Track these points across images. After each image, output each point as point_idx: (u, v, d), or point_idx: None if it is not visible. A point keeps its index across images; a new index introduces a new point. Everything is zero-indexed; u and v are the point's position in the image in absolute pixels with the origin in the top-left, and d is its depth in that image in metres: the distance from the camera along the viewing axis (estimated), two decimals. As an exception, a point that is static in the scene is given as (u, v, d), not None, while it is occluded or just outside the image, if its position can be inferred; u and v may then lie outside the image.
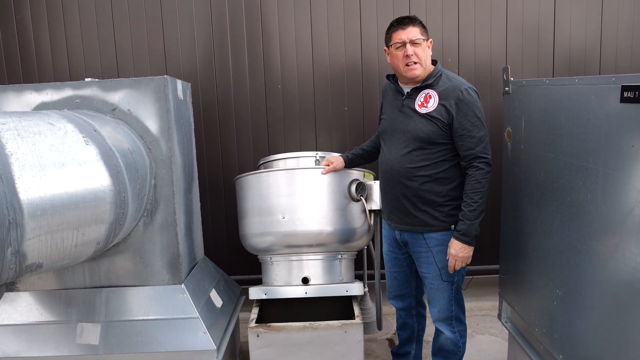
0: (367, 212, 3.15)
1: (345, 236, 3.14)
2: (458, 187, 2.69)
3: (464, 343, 2.94)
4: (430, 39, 2.72)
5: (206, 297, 3.02)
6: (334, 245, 3.15)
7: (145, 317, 2.74)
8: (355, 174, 3.17)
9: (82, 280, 2.85)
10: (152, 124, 2.76)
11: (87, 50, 4.05)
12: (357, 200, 3.13)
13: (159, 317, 2.74)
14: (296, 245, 3.14)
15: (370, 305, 3.97)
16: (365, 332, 3.17)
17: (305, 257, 3.17)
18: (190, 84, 3.32)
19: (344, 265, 3.27)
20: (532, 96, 2.59)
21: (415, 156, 2.69)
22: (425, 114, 2.65)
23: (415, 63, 2.66)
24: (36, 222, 1.87)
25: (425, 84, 2.68)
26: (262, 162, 3.56)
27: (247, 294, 3.22)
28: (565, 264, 2.28)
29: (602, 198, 1.97)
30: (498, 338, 3.80)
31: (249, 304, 3.35)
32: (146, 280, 2.84)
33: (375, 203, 3.14)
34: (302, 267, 3.18)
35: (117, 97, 2.75)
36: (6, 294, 2.87)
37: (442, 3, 4.03)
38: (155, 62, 4.06)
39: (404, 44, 2.65)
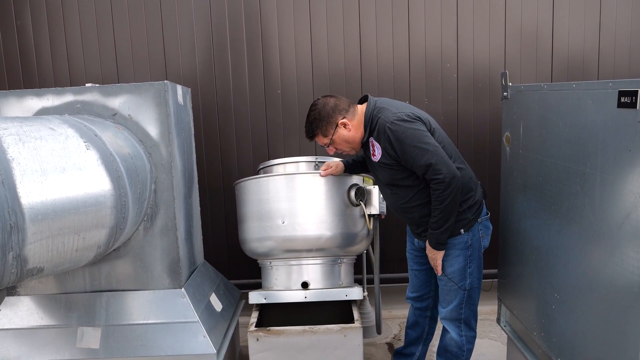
0: (367, 216, 3.16)
1: (344, 241, 3.15)
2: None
3: (470, 350, 2.93)
4: (340, 122, 2.71)
5: (206, 301, 3.03)
6: (333, 249, 3.16)
7: (145, 321, 2.75)
8: (355, 178, 3.18)
9: (83, 285, 2.86)
10: (153, 129, 2.77)
11: (87, 56, 4.07)
12: (357, 205, 3.13)
13: (159, 321, 2.75)
14: (296, 250, 3.14)
15: (370, 309, 3.98)
16: (364, 336, 3.18)
17: (304, 261, 3.18)
18: (190, 89, 3.34)
19: (344, 270, 3.27)
20: (531, 101, 2.61)
21: (400, 194, 2.75)
22: (378, 162, 2.71)
23: (343, 152, 2.86)
24: (37, 226, 1.88)
25: (366, 136, 2.73)
26: (261, 166, 3.57)
27: (246, 298, 3.23)
28: (564, 268, 2.29)
29: (599, 202, 1.99)
30: (497, 342, 3.80)
31: (248, 308, 3.35)
32: (146, 284, 2.85)
33: (375, 208, 3.15)
34: (302, 272, 3.19)
35: (118, 102, 2.76)
36: (7, 298, 2.87)
37: (440, 9, 4.05)
38: (155, 68, 4.08)
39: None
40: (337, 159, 3.24)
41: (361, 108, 2.77)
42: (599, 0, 4.06)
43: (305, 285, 3.16)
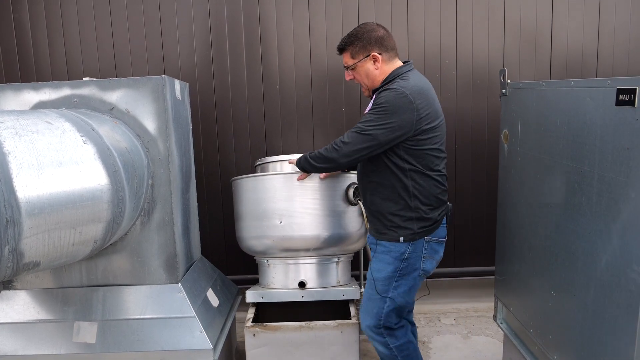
0: (365, 215, 3.15)
1: (342, 240, 3.14)
2: (398, 199, 2.57)
3: (407, 356, 2.72)
4: (373, 53, 2.57)
5: (203, 296, 3.03)
6: (331, 249, 3.16)
7: (141, 316, 2.75)
8: (353, 177, 3.17)
9: (79, 279, 2.85)
10: (150, 124, 2.76)
11: (85, 50, 4.06)
12: (355, 204, 3.13)
13: (155, 316, 2.75)
14: (293, 249, 3.14)
15: (367, 305, 3.98)
16: (361, 332, 3.18)
17: (301, 260, 3.17)
18: (188, 84, 3.33)
19: (341, 268, 3.27)
20: (529, 99, 2.61)
21: (363, 165, 2.70)
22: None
23: (361, 85, 2.73)
24: (34, 220, 1.88)
25: (377, 89, 2.62)
26: (258, 163, 3.55)
27: (244, 293, 3.22)
28: (560, 265, 2.30)
29: (597, 200, 1.99)
30: (493, 339, 3.81)
31: (245, 303, 3.35)
32: (143, 279, 2.84)
33: None
34: (299, 271, 3.18)
35: (115, 96, 2.75)
36: (3, 292, 2.87)
37: (439, 5, 4.04)
38: (153, 62, 4.06)
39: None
40: None
41: (398, 63, 2.65)
42: (599, -2, 4.06)
43: (302, 285, 3.15)
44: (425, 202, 2.57)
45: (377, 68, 2.61)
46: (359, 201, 3.10)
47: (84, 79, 2.80)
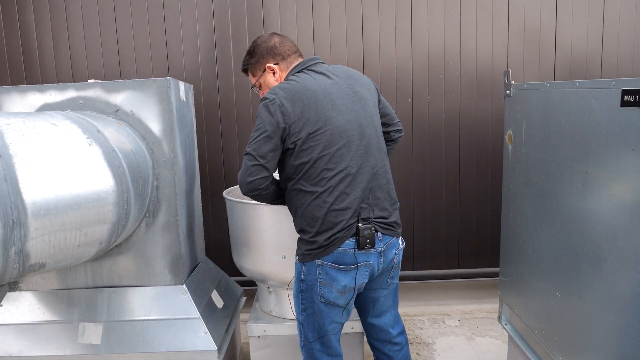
0: None
1: None
2: (294, 216, 2.34)
3: None
4: (268, 65, 2.42)
5: (207, 297, 3.03)
6: None
7: (146, 318, 2.76)
8: None
9: (84, 281, 2.86)
10: (155, 125, 2.77)
11: (89, 52, 4.07)
12: None
13: (160, 317, 2.75)
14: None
15: (371, 307, 3.97)
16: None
17: None
18: (192, 85, 3.34)
19: None
20: (533, 100, 2.60)
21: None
22: None
23: None
24: (39, 222, 1.89)
25: None
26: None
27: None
28: (565, 267, 2.29)
29: (602, 201, 1.98)
30: (498, 340, 3.80)
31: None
32: (148, 280, 2.85)
33: None
34: None
35: (120, 98, 2.76)
36: (9, 294, 2.88)
37: (443, 6, 4.04)
38: (157, 64, 4.08)
39: None
40: None
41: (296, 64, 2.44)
42: (603, -2, 4.06)
43: None
44: (311, 223, 2.25)
45: (278, 79, 2.44)
46: None
47: (89, 80, 2.81)
